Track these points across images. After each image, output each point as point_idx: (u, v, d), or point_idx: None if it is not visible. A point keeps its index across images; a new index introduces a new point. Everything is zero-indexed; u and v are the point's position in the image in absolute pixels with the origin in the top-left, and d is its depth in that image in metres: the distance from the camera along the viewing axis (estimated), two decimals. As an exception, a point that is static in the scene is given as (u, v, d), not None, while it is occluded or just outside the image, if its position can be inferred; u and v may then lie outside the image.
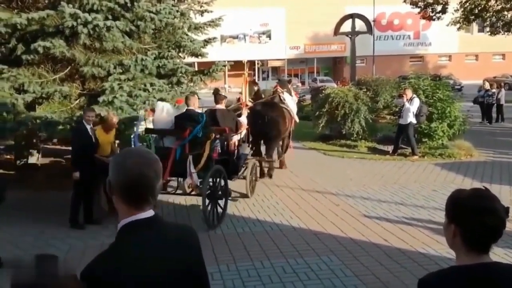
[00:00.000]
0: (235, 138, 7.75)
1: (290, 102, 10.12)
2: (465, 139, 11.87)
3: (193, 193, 7.04)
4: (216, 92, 8.52)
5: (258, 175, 8.90)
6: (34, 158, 10.05)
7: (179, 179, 7.36)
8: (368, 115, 13.00)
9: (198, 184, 6.59)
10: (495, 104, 17.73)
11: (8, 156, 11.46)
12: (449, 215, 1.63)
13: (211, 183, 6.62)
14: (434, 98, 11.96)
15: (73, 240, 6.26)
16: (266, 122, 8.78)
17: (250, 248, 5.79)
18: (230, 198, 7.38)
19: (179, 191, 7.40)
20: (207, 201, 6.40)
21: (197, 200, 7.91)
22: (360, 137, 12.85)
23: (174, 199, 7.99)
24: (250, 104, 9.23)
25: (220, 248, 5.77)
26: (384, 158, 11.18)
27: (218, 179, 6.78)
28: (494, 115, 17.77)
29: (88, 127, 6.79)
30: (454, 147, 11.37)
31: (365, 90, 15.17)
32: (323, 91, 14.11)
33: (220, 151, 7.00)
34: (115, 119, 7.06)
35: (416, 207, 7.33)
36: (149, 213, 1.58)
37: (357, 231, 6.31)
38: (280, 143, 9.97)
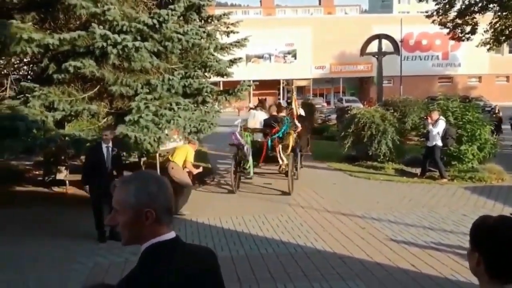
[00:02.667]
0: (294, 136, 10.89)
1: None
2: (496, 163, 11.52)
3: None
4: (279, 104, 13.23)
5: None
6: (62, 175, 10.24)
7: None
8: (396, 136, 12.78)
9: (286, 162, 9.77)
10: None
11: (37, 172, 11.72)
12: (473, 242, 1.56)
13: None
14: (464, 120, 11.69)
15: (98, 257, 6.29)
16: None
17: (274, 270, 5.69)
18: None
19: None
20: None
21: (220, 220, 7.89)
22: (387, 158, 12.63)
23: (197, 219, 7.99)
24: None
25: (243, 270, 5.68)
26: (412, 181, 10.93)
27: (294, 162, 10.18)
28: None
29: (104, 145, 6.94)
30: (484, 170, 11.04)
31: (392, 111, 14.98)
32: (349, 111, 14.01)
33: None
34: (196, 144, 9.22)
35: (445, 232, 7.09)
36: (172, 234, 1.62)
37: (384, 255, 6.13)
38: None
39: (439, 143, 10.86)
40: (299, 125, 11.13)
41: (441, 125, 10.87)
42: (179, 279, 1.56)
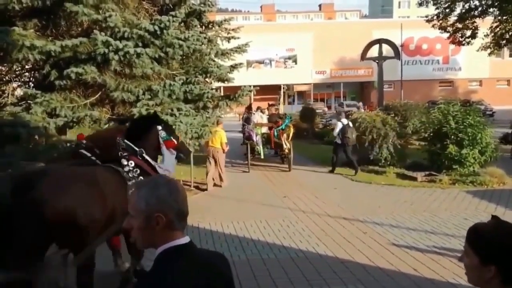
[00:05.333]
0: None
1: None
2: (497, 166, 11.50)
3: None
4: (272, 105, 17.83)
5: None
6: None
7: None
8: (397, 140, 12.79)
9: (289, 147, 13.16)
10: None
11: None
12: (486, 255, 1.54)
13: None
14: (465, 124, 11.69)
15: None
16: None
17: (275, 275, 5.69)
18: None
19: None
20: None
21: (221, 225, 7.89)
22: (389, 163, 12.63)
23: (198, 225, 7.99)
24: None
25: (245, 275, 5.68)
26: (414, 185, 10.92)
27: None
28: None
29: None
30: (486, 174, 11.02)
31: (393, 115, 15.00)
32: (350, 116, 14.04)
33: None
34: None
35: (447, 236, 7.09)
36: (186, 238, 1.65)
37: (386, 260, 6.13)
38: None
39: (338, 141, 12.66)
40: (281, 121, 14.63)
41: (338, 126, 12.86)
42: (192, 284, 1.58)
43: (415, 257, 6.19)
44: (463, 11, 24.89)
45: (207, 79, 10.05)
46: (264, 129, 14.62)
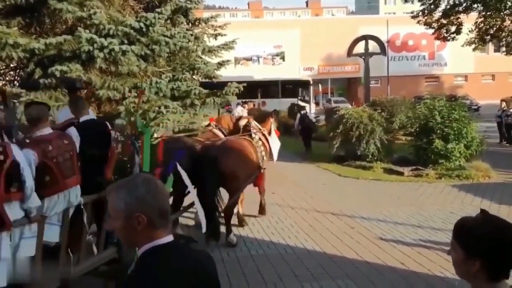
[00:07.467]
0: None
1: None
2: (482, 160, 11.65)
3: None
4: (245, 103, 18.82)
5: None
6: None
7: None
8: (384, 136, 12.88)
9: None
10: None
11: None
12: (472, 250, 1.56)
13: None
14: (450, 118, 11.81)
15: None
16: None
17: (264, 271, 5.70)
18: None
19: None
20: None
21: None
22: (376, 158, 12.71)
23: (187, 221, 7.98)
24: None
25: (234, 272, 5.69)
26: (400, 179, 11.02)
27: None
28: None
29: None
30: (471, 168, 11.16)
31: (379, 110, 15.09)
32: (337, 112, 14.11)
33: None
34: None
35: (433, 229, 7.17)
36: (169, 237, 1.63)
37: (373, 254, 6.18)
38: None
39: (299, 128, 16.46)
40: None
41: (297, 117, 16.33)
42: (175, 283, 1.56)
43: (403, 251, 6.25)
44: (448, 7, 25.11)
45: (194, 76, 10.03)
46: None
